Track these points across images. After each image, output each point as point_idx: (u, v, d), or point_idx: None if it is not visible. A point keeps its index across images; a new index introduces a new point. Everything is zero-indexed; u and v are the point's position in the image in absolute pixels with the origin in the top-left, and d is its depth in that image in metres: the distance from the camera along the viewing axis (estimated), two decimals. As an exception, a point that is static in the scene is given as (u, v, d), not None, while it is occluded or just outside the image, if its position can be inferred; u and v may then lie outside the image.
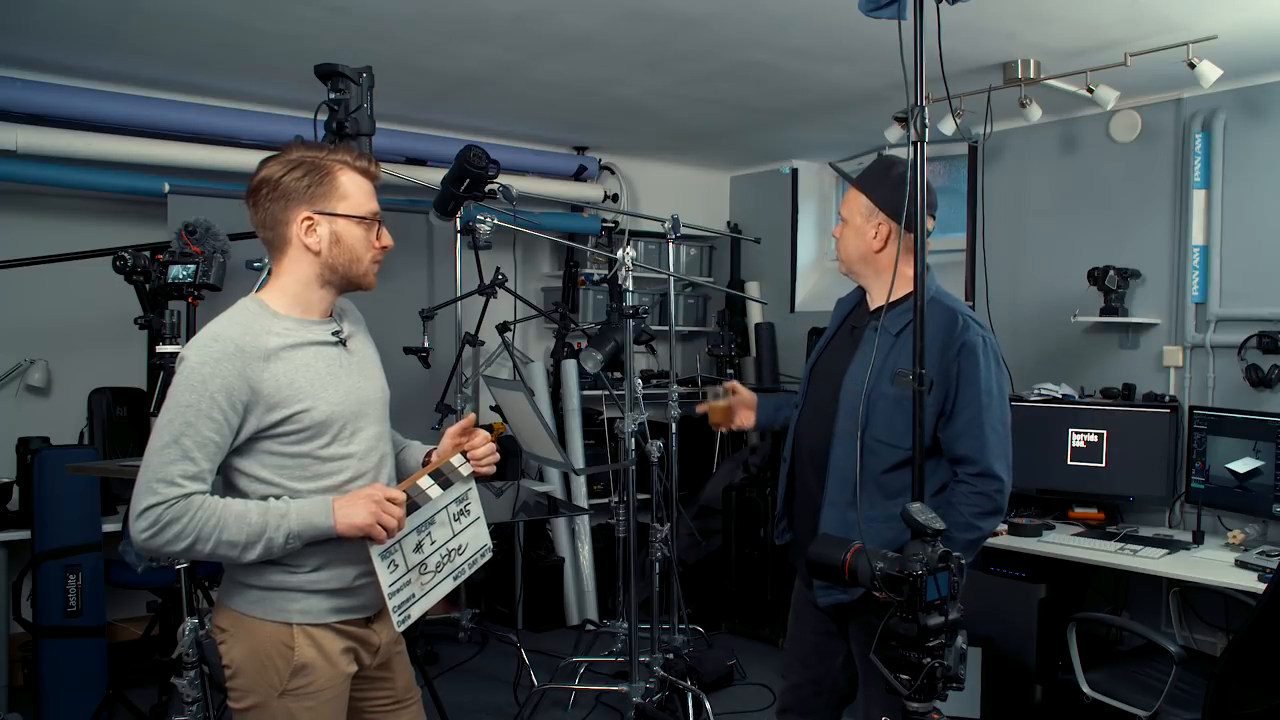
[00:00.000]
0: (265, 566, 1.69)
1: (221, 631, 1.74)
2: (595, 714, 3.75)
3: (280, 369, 1.68)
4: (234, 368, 1.63)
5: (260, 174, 1.75)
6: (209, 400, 1.61)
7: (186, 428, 1.60)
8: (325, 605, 1.74)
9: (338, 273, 1.76)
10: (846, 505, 2.11)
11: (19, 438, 3.69)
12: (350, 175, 1.76)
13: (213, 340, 1.65)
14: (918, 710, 1.60)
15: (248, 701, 1.71)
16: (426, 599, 1.80)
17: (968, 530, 2.05)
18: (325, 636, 1.74)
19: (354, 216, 1.75)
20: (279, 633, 1.70)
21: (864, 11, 1.88)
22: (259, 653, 1.70)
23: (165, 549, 1.59)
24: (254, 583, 1.71)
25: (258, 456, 1.69)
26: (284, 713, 1.69)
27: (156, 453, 1.60)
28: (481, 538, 1.94)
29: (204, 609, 2.55)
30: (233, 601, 1.74)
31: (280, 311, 1.74)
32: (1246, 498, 3.39)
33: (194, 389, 1.61)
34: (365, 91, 2.63)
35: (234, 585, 1.74)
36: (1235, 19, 3.02)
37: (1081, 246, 4.14)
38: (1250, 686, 2.47)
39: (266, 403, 1.66)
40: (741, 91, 4.02)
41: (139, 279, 3.00)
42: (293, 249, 1.75)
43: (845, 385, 2.13)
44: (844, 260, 2.30)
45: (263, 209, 1.74)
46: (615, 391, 3.89)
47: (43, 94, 3.65)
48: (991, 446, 2.06)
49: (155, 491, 1.57)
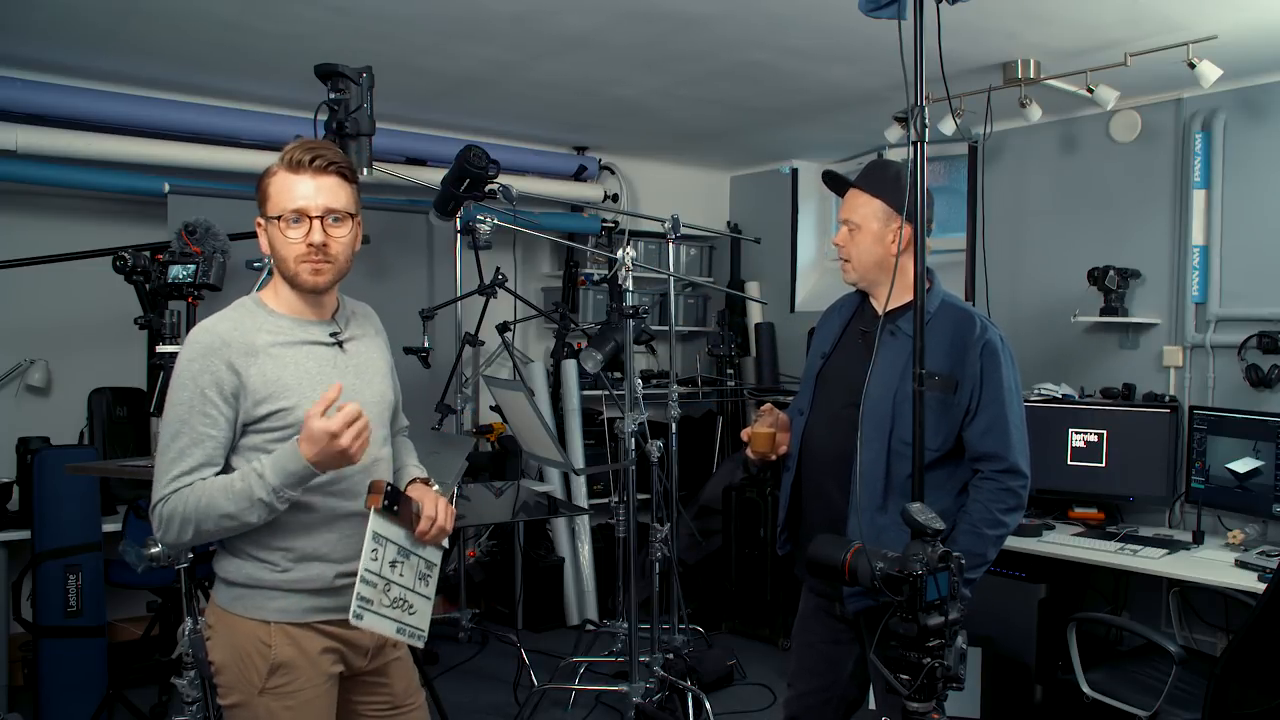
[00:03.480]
0: (245, 563, 1.72)
1: (209, 629, 1.77)
2: (595, 714, 3.75)
3: (268, 365, 1.69)
4: (221, 359, 1.66)
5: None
6: (200, 396, 1.65)
7: (182, 426, 1.65)
8: (304, 605, 1.73)
9: (285, 274, 1.76)
10: (877, 510, 2.11)
11: (19, 438, 3.69)
12: (279, 176, 1.72)
13: (202, 333, 1.70)
14: (918, 710, 1.60)
15: (231, 699, 1.73)
16: (377, 618, 1.73)
17: (995, 526, 2.07)
18: (305, 636, 1.73)
19: (270, 218, 1.73)
20: (257, 630, 1.71)
21: (864, 11, 1.88)
22: (239, 650, 1.71)
23: (180, 541, 1.65)
24: (235, 579, 1.73)
25: (244, 454, 1.70)
26: (265, 711, 1.70)
27: (160, 454, 1.66)
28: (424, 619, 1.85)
29: (204, 609, 2.55)
30: (219, 598, 1.76)
31: (278, 310, 1.77)
32: (1246, 498, 3.39)
33: (185, 386, 1.66)
34: (365, 91, 2.63)
35: (219, 583, 1.77)
36: (1235, 19, 3.02)
37: (1081, 246, 4.14)
38: (1250, 686, 2.47)
39: (253, 396, 1.68)
40: (741, 91, 4.02)
41: (139, 279, 3.00)
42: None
43: (869, 390, 2.05)
44: (859, 267, 2.22)
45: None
46: (615, 391, 3.89)
47: (43, 94, 3.65)
48: (1015, 443, 2.10)
49: (159, 489, 1.65)
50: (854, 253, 2.22)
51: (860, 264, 2.22)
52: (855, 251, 2.22)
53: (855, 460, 2.05)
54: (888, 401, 2.09)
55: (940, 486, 2.13)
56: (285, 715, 1.70)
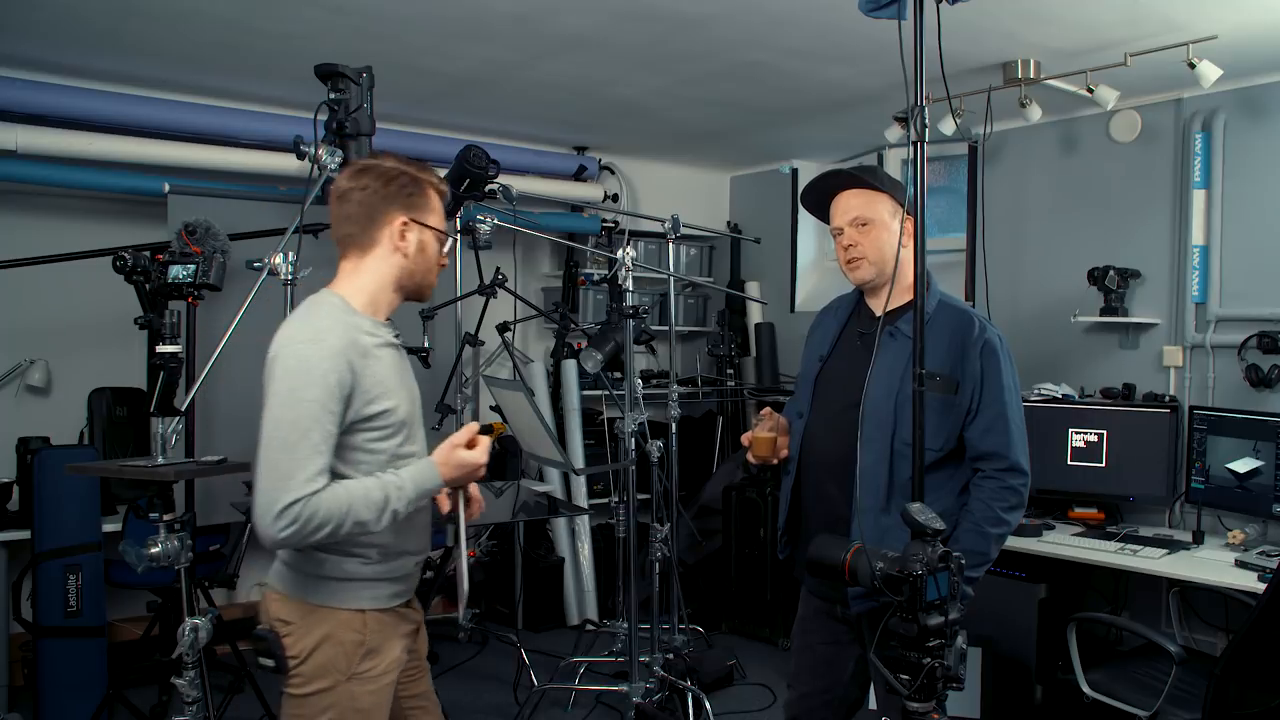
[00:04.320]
0: (341, 559, 1.78)
1: (286, 624, 1.78)
2: (595, 714, 3.74)
3: (375, 366, 1.76)
4: (345, 361, 1.69)
5: (357, 175, 1.83)
6: (328, 394, 1.67)
7: (314, 423, 1.65)
8: (389, 591, 1.85)
9: (414, 279, 1.86)
10: (880, 511, 2.11)
11: (19, 438, 3.69)
12: (436, 194, 1.88)
13: (324, 334, 1.71)
14: (918, 710, 1.60)
15: (314, 687, 1.77)
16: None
17: (998, 525, 2.08)
18: (390, 621, 1.85)
19: (438, 231, 1.87)
20: (353, 620, 1.79)
21: (864, 11, 1.88)
22: (334, 639, 1.77)
23: (306, 540, 1.66)
24: (330, 574, 1.78)
25: (340, 454, 1.74)
26: (347, 695, 1.78)
27: (287, 449, 1.63)
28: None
29: (204, 609, 2.55)
30: (304, 594, 1.79)
31: (358, 310, 1.81)
32: (1246, 498, 3.39)
33: (315, 384, 1.66)
34: (365, 91, 2.63)
35: (305, 579, 1.79)
36: (1235, 19, 3.02)
37: (1081, 246, 4.14)
38: (1250, 686, 2.47)
39: (364, 396, 1.72)
40: (741, 91, 4.02)
41: (139, 279, 3.00)
42: (380, 249, 1.82)
43: (870, 391, 2.04)
44: (876, 263, 2.19)
45: (357, 206, 1.80)
46: (615, 391, 3.89)
47: (43, 94, 3.65)
48: (1015, 441, 2.11)
49: (293, 489, 1.62)
50: (869, 249, 2.19)
51: (878, 260, 2.19)
52: (872, 247, 2.19)
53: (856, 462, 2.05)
54: (890, 403, 2.09)
55: (942, 487, 2.13)
56: (366, 699, 1.79)
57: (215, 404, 3.72)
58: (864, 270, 2.22)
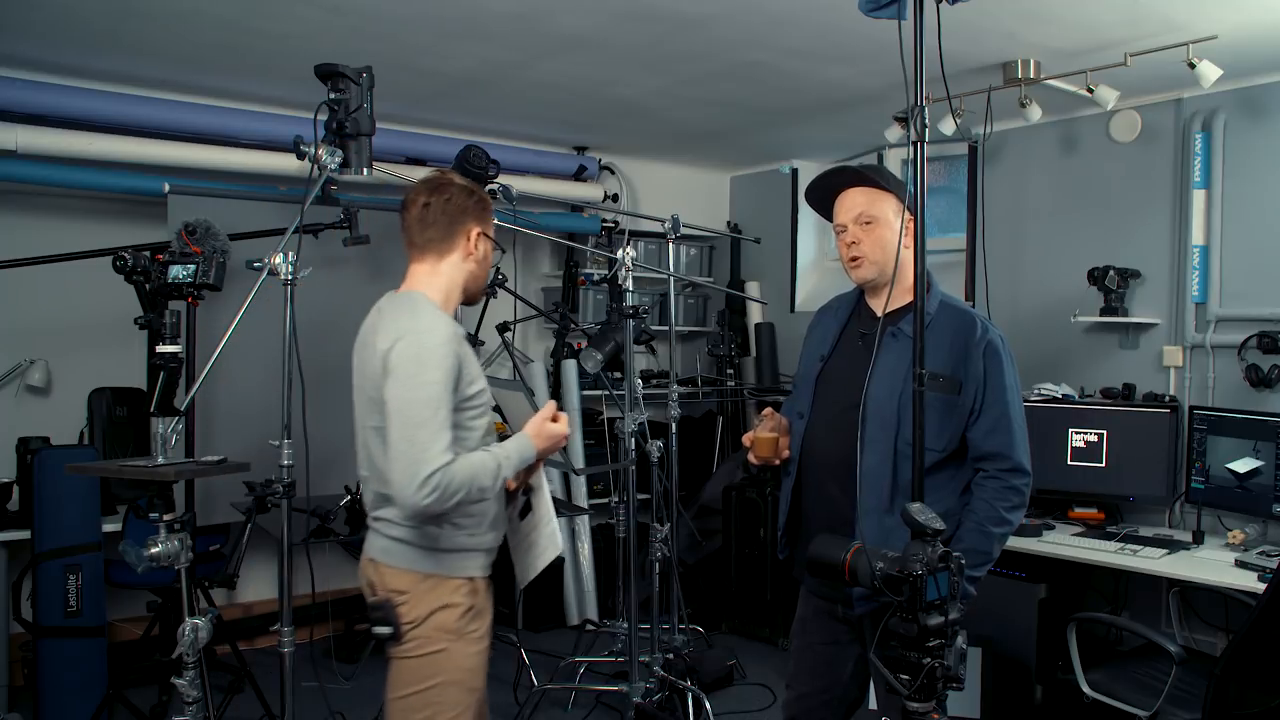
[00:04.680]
0: (454, 532, 1.99)
1: (401, 595, 1.97)
2: (595, 714, 3.75)
3: (470, 354, 2.00)
4: (454, 348, 1.92)
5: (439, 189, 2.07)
6: (447, 375, 1.89)
7: (440, 402, 1.87)
8: (484, 560, 2.08)
9: (477, 283, 2.13)
10: (884, 512, 2.10)
11: (19, 438, 3.69)
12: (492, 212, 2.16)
13: (436, 324, 1.94)
14: (918, 710, 1.60)
15: (431, 649, 1.97)
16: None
17: (1000, 524, 2.09)
18: (484, 586, 2.08)
19: (494, 242, 2.16)
20: (462, 586, 2.01)
21: (864, 11, 1.88)
22: (446, 604, 1.98)
23: (442, 508, 1.85)
24: (445, 546, 1.98)
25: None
26: (460, 654, 1.99)
27: (423, 425, 1.83)
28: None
29: (204, 609, 2.55)
30: (417, 565, 1.98)
31: (439, 307, 2.03)
32: (1246, 498, 3.39)
33: (438, 366, 1.88)
34: (365, 91, 2.62)
35: (421, 552, 1.98)
36: (1235, 19, 3.02)
37: (1081, 246, 4.14)
38: (1250, 686, 2.47)
39: (466, 379, 1.95)
40: (741, 91, 4.02)
41: (139, 279, 3.00)
42: (455, 254, 2.07)
43: (872, 392, 2.04)
44: (878, 262, 2.18)
45: (441, 214, 2.05)
46: (615, 391, 3.89)
47: (43, 94, 3.65)
48: (1018, 441, 2.12)
49: (432, 460, 1.82)
50: (871, 248, 2.19)
51: (882, 259, 2.17)
52: (875, 246, 2.18)
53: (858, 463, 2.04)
54: (893, 403, 2.09)
55: (944, 487, 2.13)
56: (472, 659, 2.02)
57: (215, 404, 3.73)
58: (866, 269, 2.21)
